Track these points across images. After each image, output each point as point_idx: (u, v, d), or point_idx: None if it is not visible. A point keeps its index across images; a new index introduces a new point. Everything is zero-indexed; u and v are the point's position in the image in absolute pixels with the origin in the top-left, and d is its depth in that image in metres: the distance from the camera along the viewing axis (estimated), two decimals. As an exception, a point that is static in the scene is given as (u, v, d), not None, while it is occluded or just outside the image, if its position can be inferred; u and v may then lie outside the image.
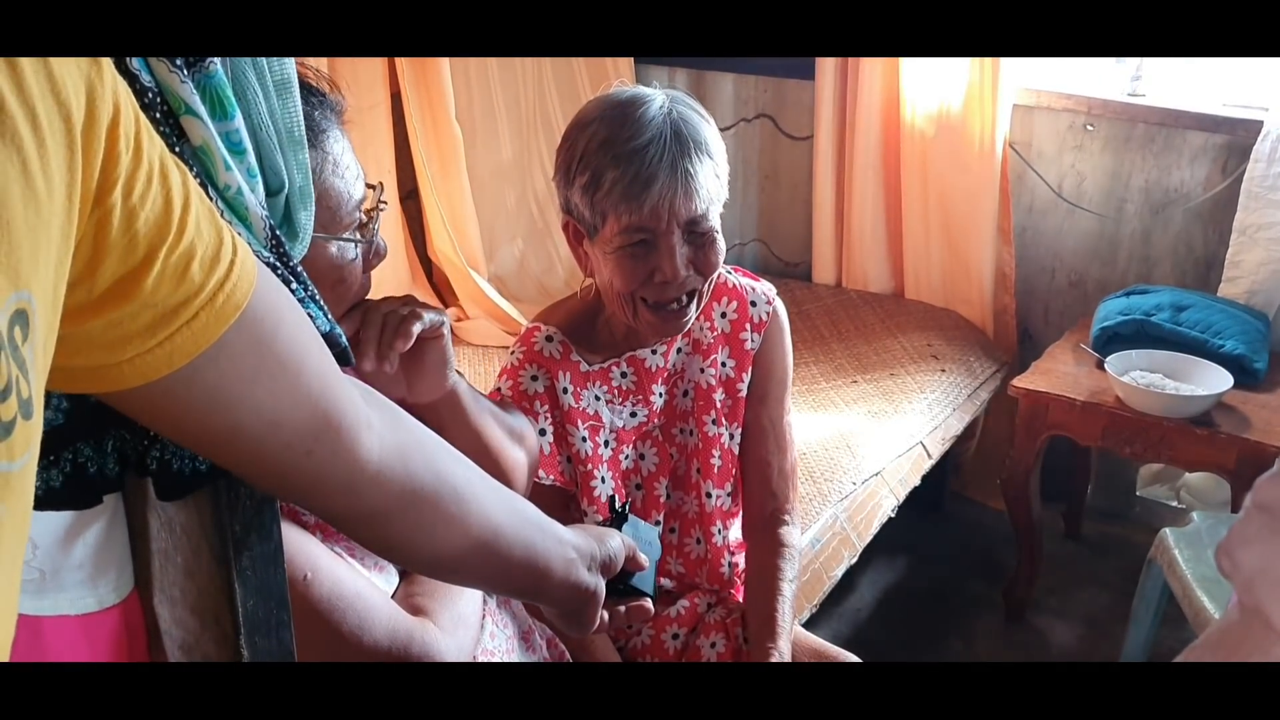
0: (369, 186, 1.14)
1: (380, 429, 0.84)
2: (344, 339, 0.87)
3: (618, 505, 1.27)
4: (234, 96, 0.75)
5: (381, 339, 1.12)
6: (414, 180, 3.20)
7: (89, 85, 0.57)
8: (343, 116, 1.11)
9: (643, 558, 1.18)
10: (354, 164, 1.10)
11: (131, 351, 0.64)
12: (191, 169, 0.71)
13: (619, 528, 1.22)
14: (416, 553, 0.95)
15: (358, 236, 1.10)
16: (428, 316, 1.14)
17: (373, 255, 1.15)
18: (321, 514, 0.90)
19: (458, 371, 1.23)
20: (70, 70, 0.56)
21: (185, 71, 0.70)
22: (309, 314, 0.80)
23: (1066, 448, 2.86)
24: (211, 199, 0.72)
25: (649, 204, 1.44)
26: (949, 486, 3.29)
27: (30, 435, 0.55)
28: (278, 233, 0.78)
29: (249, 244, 0.74)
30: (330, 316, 0.85)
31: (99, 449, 0.77)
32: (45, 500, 0.75)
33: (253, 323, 0.69)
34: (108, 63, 0.60)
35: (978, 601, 2.96)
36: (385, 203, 1.15)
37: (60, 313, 0.59)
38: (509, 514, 0.99)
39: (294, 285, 0.80)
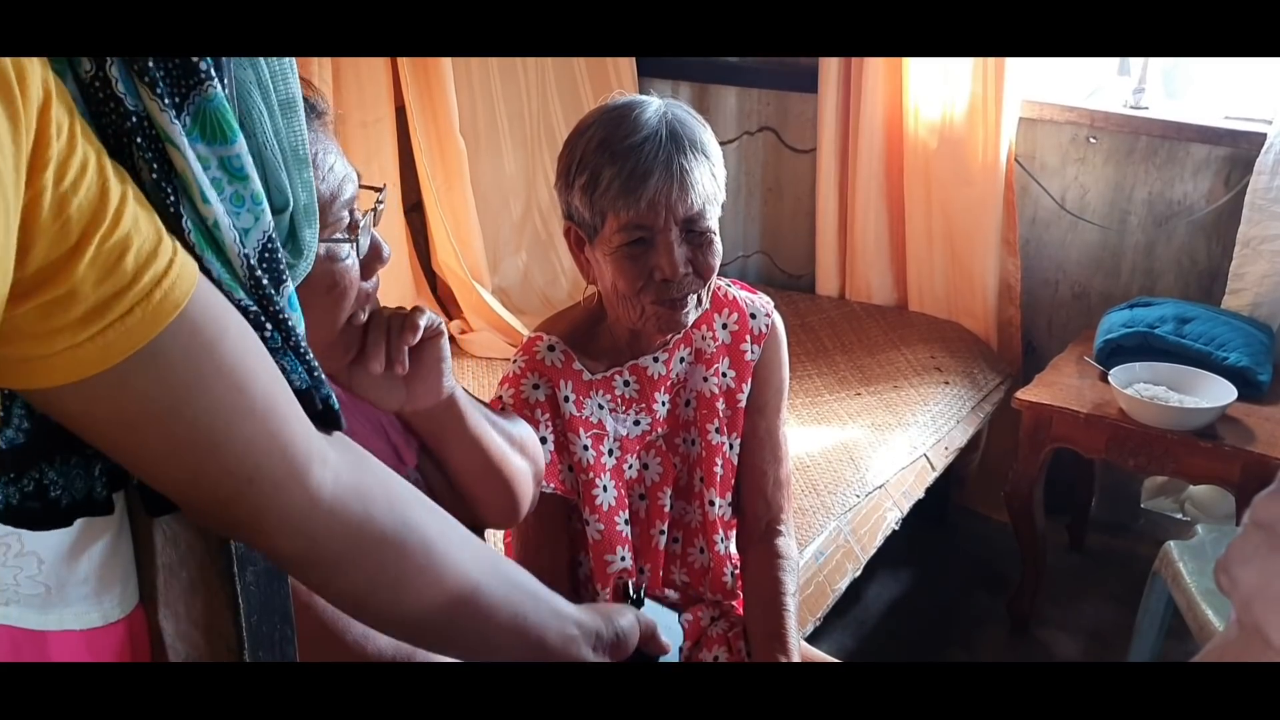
0: (372, 189, 1.10)
1: (337, 466, 0.80)
2: (331, 399, 0.82)
3: (631, 592, 1.16)
4: (238, 116, 0.74)
5: (389, 339, 1.11)
6: (418, 193, 3.21)
7: (18, 68, 0.57)
8: (324, 117, 1.08)
9: (665, 640, 1.08)
10: (340, 164, 1.06)
11: (62, 344, 0.63)
12: (170, 197, 0.70)
13: None
14: (380, 607, 0.88)
15: (345, 236, 1.06)
16: (428, 314, 1.14)
17: (372, 258, 1.10)
18: (272, 556, 0.83)
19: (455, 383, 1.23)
20: None
21: (168, 99, 0.69)
22: (284, 365, 0.78)
23: (1070, 460, 2.86)
24: (188, 230, 0.70)
25: (646, 198, 1.45)
26: (953, 499, 3.29)
27: None
28: (258, 273, 0.76)
29: (224, 282, 0.73)
30: (315, 374, 0.81)
31: (81, 470, 0.76)
32: (6, 516, 0.74)
33: (191, 330, 0.67)
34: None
35: (982, 614, 2.96)
36: (382, 202, 1.11)
37: (7, 287, 0.58)
38: (492, 576, 0.92)
39: (269, 332, 0.76)
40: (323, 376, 0.83)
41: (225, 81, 0.73)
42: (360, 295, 1.09)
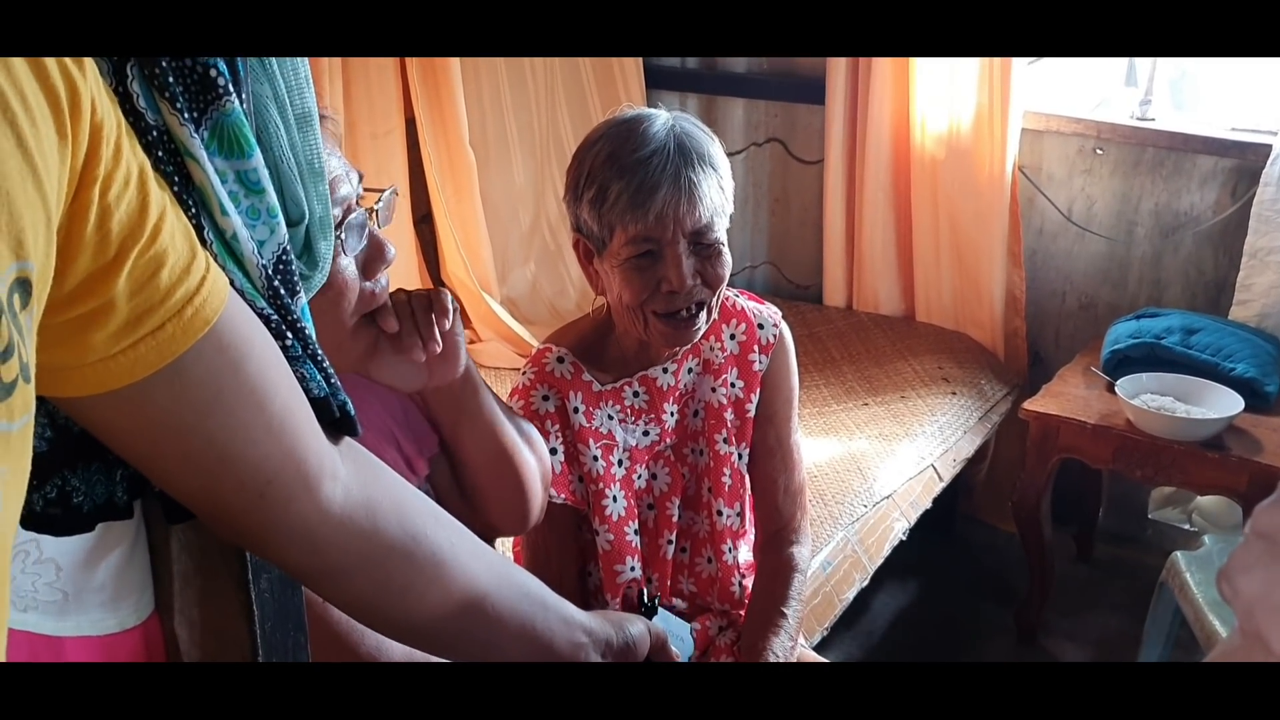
0: (377, 191, 1.10)
1: (347, 482, 0.81)
2: (347, 406, 0.83)
3: (646, 599, 1.18)
4: (255, 130, 0.75)
5: (419, 322, 1.11)
6: (428, 204, 3.23)
7: (72, 79, 0.58)
8: (324, 121, 1.07)
9: (675, 651, 1.09)
10: (336, 163, 1.06)
11: (94, 356, 0.64)
12: (191, 209, 0.71)
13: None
14: (389, 615, 0.90)
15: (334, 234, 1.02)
16: (445, 292, 1.15)
17: (374, 258, 1.08)
18: (281, 566, 0.85)
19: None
20: (52, 62, 0.57)
21: (187, 114, 0.70)
22: (303, 373, 0.79)
23: (1078, 470, 2.86)
24: (209, 241, 0.72)
25: (654, 212, 1.46)
26: (960, 509, 3.29)
27: (29, 398, 0.56)
28: (275, 283, 0.77)
29: (246, 292, 0.74)
30: (332, 382, 0.83)
31: (103, 475, 0.77)
32: (29, 522, 0.75)
33: (217, 348, 0.68)
34: (90, 64, 0.60)
35: (989, 624, 2.96)
36: (381, 202, 1.09)
37: (47, 292, 0.59)
38: (501, 585, 0.93)
39: (290, 340, 0.78)
40: (339, 383, 0.84)
41: (243, 96, 0.74)
42: (364, 295, 1.08)
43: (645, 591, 1.26)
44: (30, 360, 0.56)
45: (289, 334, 0.78)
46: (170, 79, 0.69)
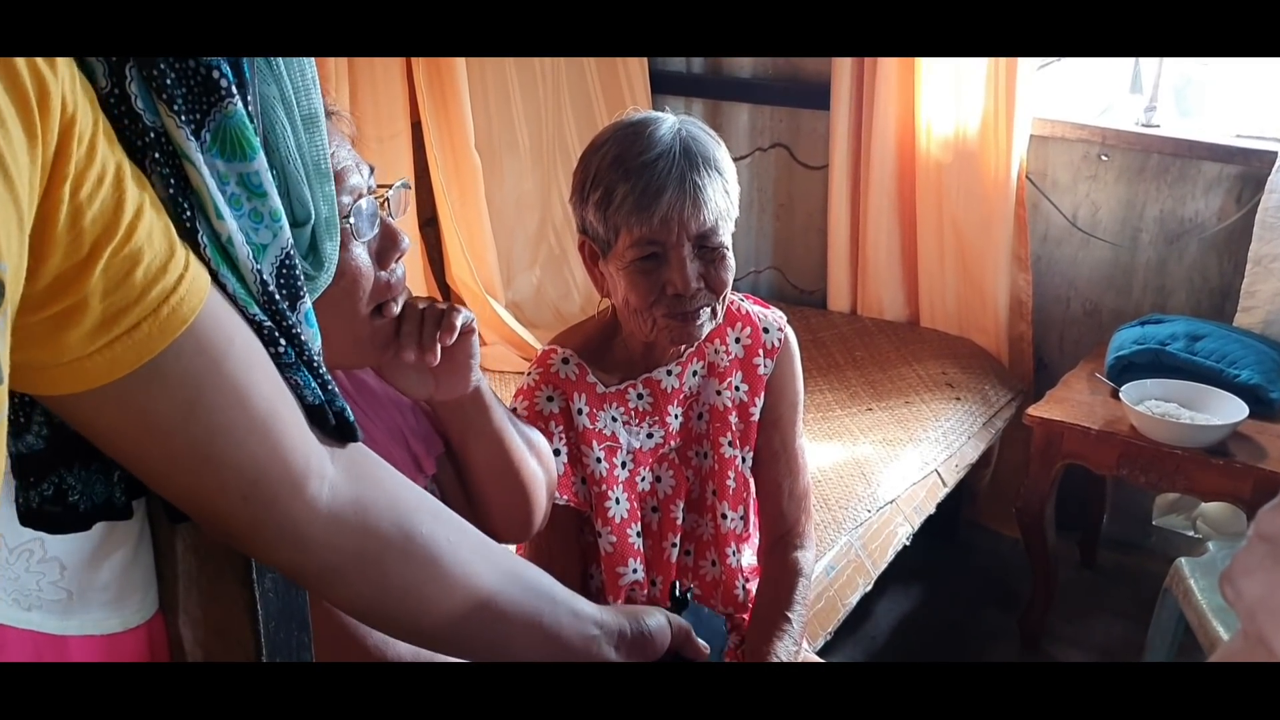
0: (385, 187, 1.10)
1: (336, 481, 0.81)
2: (345, 412, 0.83)
3: (679, 591, 1.17)
4: (261, 132, 0.75)
5: (423, 331, 1.11)
6: (433, 208, 3.23)
7: (42, 78, 0.58)
8: (332, 117, 1.05)
9: (703, 645, 1.07)
10: (345, 154, 1.06)
11: (70, 355, 0.64)
12: (186, 212, 0.71)
13: (679, 614, 1.11)
14: (389, 615, 0.90)
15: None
16: (463, 312, 1.15)
17: (387, 247, 1.08)
18: (274, 566, 0.85)
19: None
20: (22, 63, 0.57)
21: (185, 116, 0.69)
22: (297, 380, 0.78)
23: (1082, 476, 2.86)
24: (202, 246, 0.71)
25: (659, 215, 1.47)
26: (964, 515, 3.29)
27: (2, 397, 0.57)
28: (271, 289, 0.76)
29: (239, 297, 0.73)
30: (329, 389, 0.82)
31: (101, 475, 0.77)
32: (27, 519, 0.76)
33: (195, 347, 0.68)
34: (64, 63, 0.60)
35: (992, 630, 2.96)
36: (392, 191, 1.09)
37: (20, 292, 0.59)
38: (506, 581, 0.92)
39: (283, 347, 0.77)
40: (336, 390, 0.83)
41: (248, 98, 0.74)
42: (378, 285, 1.08)
43: (679, 583, 1.26)
44: (3, 360, 0.57)
45: (283, 340, 0.77)
46: (169, 81, 0.68)
